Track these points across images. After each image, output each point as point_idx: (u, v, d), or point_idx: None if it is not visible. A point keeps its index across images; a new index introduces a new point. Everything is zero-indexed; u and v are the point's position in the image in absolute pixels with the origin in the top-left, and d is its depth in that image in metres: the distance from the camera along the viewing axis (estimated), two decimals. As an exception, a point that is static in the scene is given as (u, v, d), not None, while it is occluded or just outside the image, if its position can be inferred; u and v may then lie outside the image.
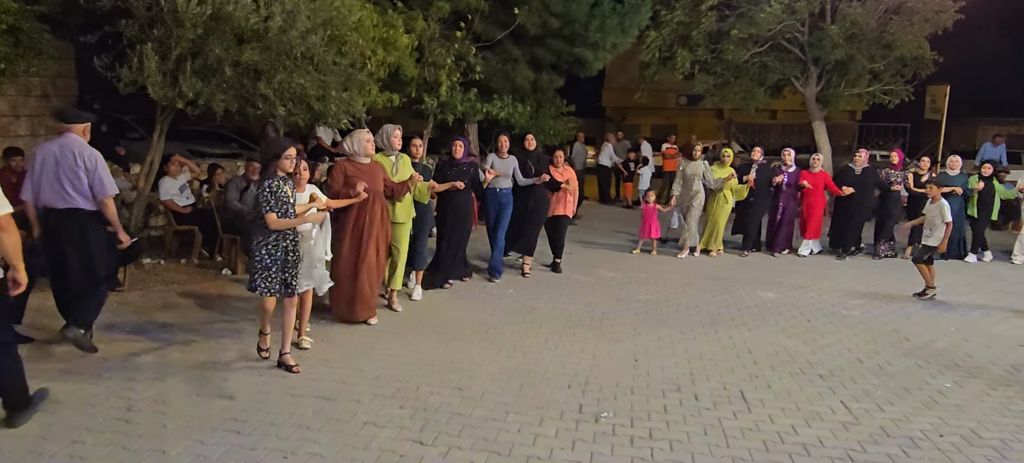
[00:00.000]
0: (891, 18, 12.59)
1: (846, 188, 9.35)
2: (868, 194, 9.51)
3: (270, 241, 4.40)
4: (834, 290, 7.58)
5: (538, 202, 7.76)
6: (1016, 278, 8.62)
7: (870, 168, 9.63)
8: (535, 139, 7.98)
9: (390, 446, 3.60)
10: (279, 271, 4.45)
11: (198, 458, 3.37)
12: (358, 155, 5.63)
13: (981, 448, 3.76)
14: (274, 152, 4.38)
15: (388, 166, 5.96)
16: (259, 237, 4.41)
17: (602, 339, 5.61)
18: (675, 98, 26.75)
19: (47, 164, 4.59)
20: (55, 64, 8.15)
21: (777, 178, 9.33)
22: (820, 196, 9.58)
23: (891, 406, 4.33)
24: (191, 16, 6.24)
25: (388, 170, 5.92)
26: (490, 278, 7.57)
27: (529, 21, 10.44)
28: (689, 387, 4.61)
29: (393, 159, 6.07)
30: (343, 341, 5.27)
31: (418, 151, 6.62)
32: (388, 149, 6.08)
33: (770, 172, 9.42)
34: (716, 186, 9.15)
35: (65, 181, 4.55)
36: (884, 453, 3.68)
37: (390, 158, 6.06)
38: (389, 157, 6.05)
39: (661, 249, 9.60)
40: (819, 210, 9.62)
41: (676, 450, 3.69)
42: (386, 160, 6.00)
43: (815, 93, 13.95)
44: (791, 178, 9.43)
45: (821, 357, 5.30)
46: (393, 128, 6.10)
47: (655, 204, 9.50)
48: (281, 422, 3.81)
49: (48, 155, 4.60)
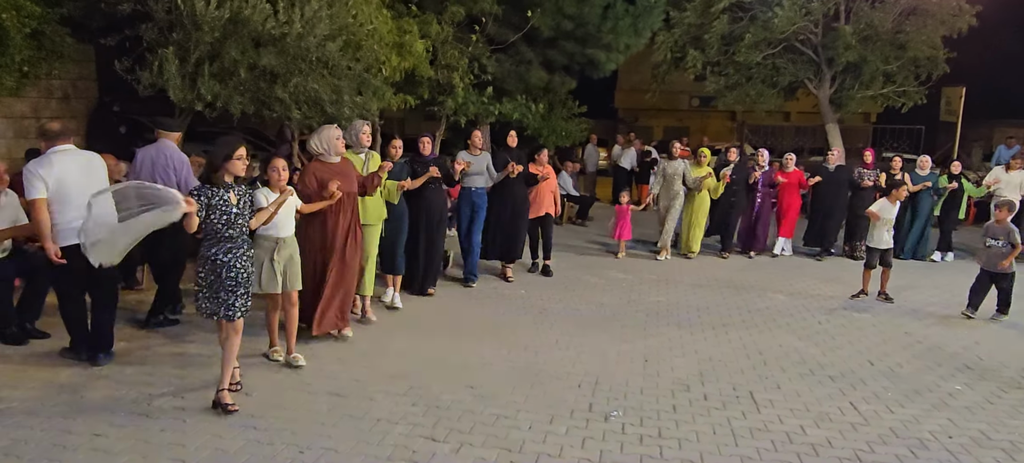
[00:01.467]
0: (907, 19, 12.53)
1: (814, 178, 9.41)
2: (842, 192, 9.51)
3: (212, 255, 3.88)
4: (846, 293, 7.57)
5: (520, 203, 7.46)
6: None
7: (843, 166, 9.66)
8: (515, 137, 7.61)
9: (403, 442, 3.67)
10: (215, 290, 3.89)
11: (216, 452, 3.46)
12: (326, 154, 5.22)
13: (990, 450, 3.77)
14: (224, 154, 3.86)
15: (359, 165, 5.62)
16: (202, 250, 3.92)
17: (612, 340, 5.66)
18: (688, 100, 26.67)
19: (145, 164, 5.43)
20: (76, 67, 8.32)
21: (755, 175, 9.29)
22: (795, 195, 9.57)
23: (901, 408, 4.34)
24: (210, 20, 6.38)
25: (359, 168, 5.59)
26: (466, 283, 7.24)
27: (543, 23, 10.52)
28: (698, 387, 4.65)
29: (363, 157, 5.75)
30: (356, 339, 5.35)
31: (426, 148, 6.53)
32: (357, 146, 5.72)
33: (746, 171, 9.38)
34: (694, 185, 9.04)
35: (158, 179, 5.19)
36: (892, 454, 3.70)
37: (360, 156, 5.73)
38: (359, 155, 5.72)
39: (632, 250, 9.43)
40: (794, 209, 9.61)
41: (685, 448, 3.73)
42: (356, 158, 5.65)
43: (829, 95, 13.89)
44: (765, 177, 9.39)
45: (831, 359, 5.31)
46: (362, 124, 5.78)
47: (628, 205, 9.33)
48: (296, 418, 3.89)
49: (147, 156, 5.47)
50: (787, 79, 13.88)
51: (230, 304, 3.90)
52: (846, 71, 13.52)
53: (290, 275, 4.63)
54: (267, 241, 4.53)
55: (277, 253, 4.55)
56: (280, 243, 4.57)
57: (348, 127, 5.78)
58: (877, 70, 12.96)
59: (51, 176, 4.30)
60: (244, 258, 3.96)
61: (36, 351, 4.78)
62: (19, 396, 4.04)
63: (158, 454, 3.42)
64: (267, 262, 4.53)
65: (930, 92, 13.75)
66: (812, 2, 12.57)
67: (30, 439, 3.52)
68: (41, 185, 4.28)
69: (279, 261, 4.56)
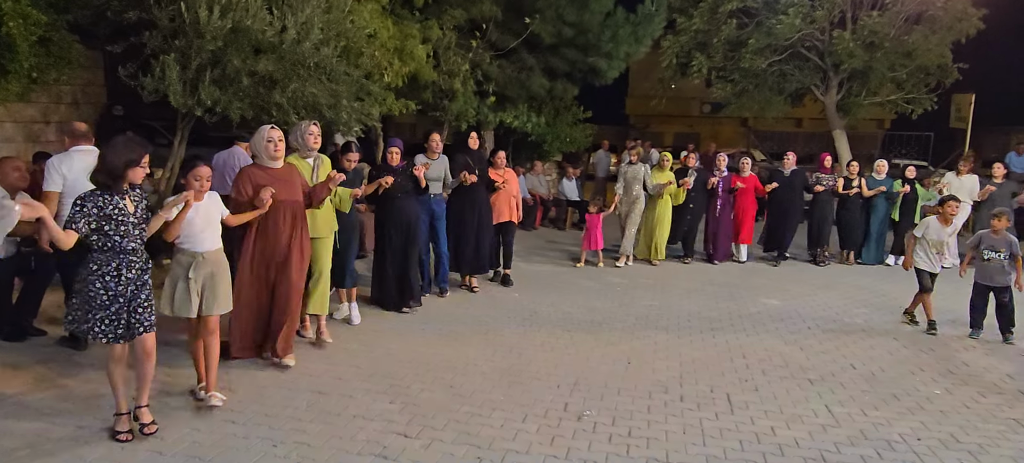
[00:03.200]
0: (912, 27, 12.46)
1: (770, 185, 9.40)
2: (797, 196, 9.54)
3: (109, 271, 3.43)
4: (841, 298, 7.57)
5: (485, 212, 7.15)
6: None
7: (798, 170, 9.63)
8: (478, 139, 7.22)
9: (376, 438, 3.76)
10: (99, 308, 3.42)
11: (192, 445, 3.57)
12: (263, 158, 4.60)
13: (956, 451, 3.79)
14: (127, 159, 3.44)
15: (307, 172, 5.03)
16: (94, 264, 3.45)
17: (598, 342, 5.72)
18: (698, 106, 26.65)
19: (218, 167, 5.95)
20: (84, 72, 8.54)
21: (712, 181, 9.23)
22: (751, 199, 9.53)
23: (875, 410, 4.36)
24: (212, 28, 6.53)
25: (306, 176, 4.98)
26: (440, 293, 6.94)
27: (543, 30, 10.62)
28: (676, 389, 4.70)
29: (312, 163, 5.13)
30: (344, 339, 5.46)
31: (395, 158, 6.15)
32: (304, 150, 5.11)
33: (706, 176, 9.33)
34: (655, 191, 8.91)
35: (227, 179, 5.65)
36: (858, 455, 3.73)
37: (307, 161, 5.11)
38: (306, 160, 5.11)
39: (598, 257, 9.10)
40: (752, 213, 9.57)
41: (652, 447, 3.78)
42: (303, 164, 5.06)
43: (835, 102, 13.84)
44: (724, 182, 9.33)
45: (814, 363, 5.33)
46: (308, 124, 5.12)
47: (599, 213, 9.01)
48: (275, 413, 4.00)
49: (219, 160, 6.15)
50: (794, 85, 13.87)
51: (131, 324, 3.50)
52: (852, 78, 13.47)
53: (209, 297, 3.98)
54: (183, 256, 3.96)
55: (194, 270, 3.93)
56: (198, 259, 3.96)
57: (293, 128, 5.20)
58: (884, 77, 12.90)
59: (71, 172, 4.64)
60: (140, 272, 3.52)
61: (32, 345, 4.95)
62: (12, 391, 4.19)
63: (136, 443, 3.54)
64: (182, 280, 3.93)
65: (940, 99, 13.66)
66: (817, 9, 12.57)
67: (16, 431, 3.65)
68: (59, 179, 4.64)
69: (196, 280, 3.93)
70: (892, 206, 9.62)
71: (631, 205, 8.93)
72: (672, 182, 8.97)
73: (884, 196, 9.54)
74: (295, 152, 5.08)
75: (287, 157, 4.86)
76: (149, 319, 3.58)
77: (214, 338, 4.06)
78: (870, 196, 9.51)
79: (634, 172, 8.92)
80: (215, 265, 4.05)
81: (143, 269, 3.57)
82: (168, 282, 3.98)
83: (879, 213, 9.60)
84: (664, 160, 9.17)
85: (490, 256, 7.49)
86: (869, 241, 9.68)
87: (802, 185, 9.56)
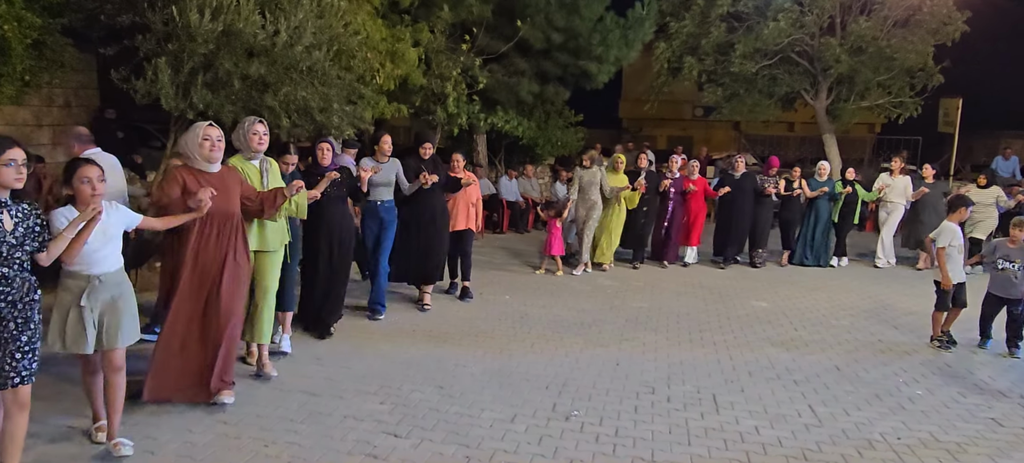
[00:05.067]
0: (897, 31, 12.62)
1: (722, 189, 9.39)
2: (747, 199, 9.43)
3: None
4: (829, 301, 7.66)
5: (439, 216, 6.56)
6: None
7: (748, 173, 9.61)
8: (431, 148, 6.56)
9: (366, 438, 3.81)
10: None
11: (185, 445, 3.62)
12: (196, 159, 3.96)
13: (935, 450, 3.87)
14: None
15: (254, 176, 4.43)
16: None
17: (588, 344, 5.78)
18: (691, 109, 26.79)
19: None
20: (77, 75, 8.57)
21: (664, 183, 9.16)
22: (702, 202, 9.53)
23: (858, 411, 4.44)
24: (204, 32, 6.58)
25: (254, 181, 4.41)
26: (372, 315, 6.22)
27: (533, 35, 10.69)
28: (664, 390, 4.76)
29: (259, 165, 4.50)
30: (336, 342, 5.51)
31: (326, 157, 5.50)
32: (247, 151, 4.44)
33: (658, 179, 9.24)
34: (612, 194, 8.62)
35: None
36: (839, 453, 3.81)
37: (253, 163, 4.48)
38: (252, 162, 4.47)
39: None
40: (701, 216, 9.55)
41: (638, 446, 3.85)
42: (250, 167, 4.45)
43: (825, 106, 13.99)
44: (676, 185, 9.29)
45: (800, 364, 5.41)
46: (253, 122, 4.46)
47: (557, 218, 8.67)
48: (267, 414, 4.05)
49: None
50: (783, 90, 14.02)
51: (4, 369, 2.86)
52: (841, 83, 13.63)
53: (111, 326, 3.35)
54: (73, 280, 3.28)
55: (89, 297, 3.28)
56: (94, 283, 3.29)
57: (239, 126, 4.53)
58: (870, 81, 13.06)
59: None
60: (18, 305, 2.89)
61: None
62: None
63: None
64: (74, 309, 3.27)
65: (929, 103, 13.83)
66: (806, 14, 12.71)
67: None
68: None
69: (91, 307, 3.28)
70: (834, 207, 9.70)
71: (588, 211, 8.58)
72: (628, 186, 8.74)
73: (827, 197, 9.59)
74: (238, 154, 4.47)
75: (229, 159, 4.37)
76: (28, 367, 2.93)
77: (119, 375, 3.42)
78: (812, 198, 9.55)
79: (590, 176, 8.57)
80: (116, 288, 3.40)
81: (24, 302, 2.91)
82: (56, 313, 3.28)
83: (822, 215, 9.65)
84: (618, 163, 8.88)
85: (444, 266, 6.98)
86: (814, 243, 9.70)
87: (752, 188, 9.44)
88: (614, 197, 8.68)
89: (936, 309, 6.04)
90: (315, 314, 5.61)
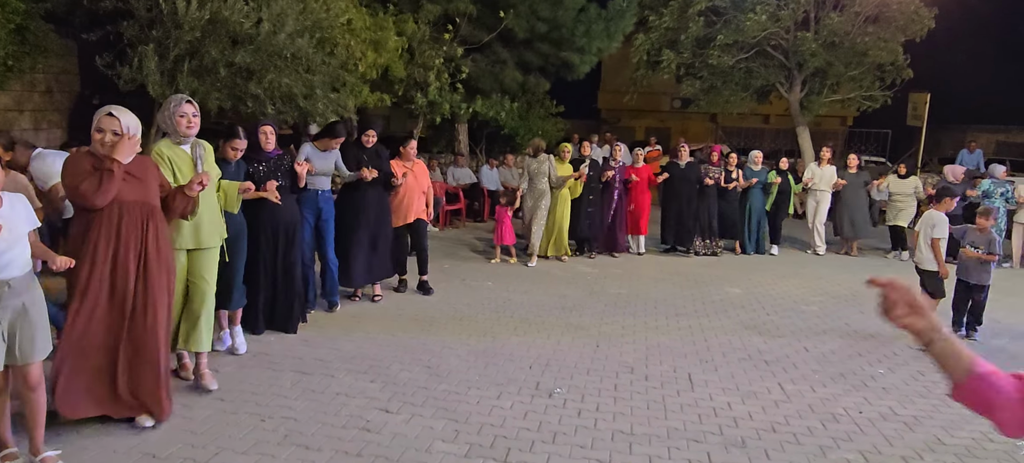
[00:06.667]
0: (870, 26, 12.98)
1: (661, 175, 9.47)
2: (692, 189, 9.54)
3: None
4: (801, 287, 7.95)
5: (382, 212, 6.30)
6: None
7: (693, 163, 9.69)
8: (375, 136, 6.27)
9: (358, 413, 3.97)
10: None
11: (184, 420, 3.75)
12: (174, 137, 3.72)
13: (893, 423, 4.14)
14: None
15: (184, 162, 3.94)
16: None
17: (569, 327, 5.98)
18: (669, 101, 27.10)
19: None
20: (59, 61, 8.54)
21: (607, 173, 9.09)
22: (647, 191, 9.61)
23: (823, 387, 4.71)
24: (190, 19, 6.64)
25: (184, 169, 3.92)
26: (329, 308, 6.02)
27: (516, 25, 10.84)
28: (642, 369, 4.99)
29: (191, 152, 3.99)
30: (324, 325, 5.65)
31: (269, 142, 5.07)
32: (175, 135, 3.91)
33: (602, 168, 9.17)
34: (558, 184, 8.53)
35: None
36: (805, 426, 4.06)
37: (183, 148, 3.97)
38: (182, 147, 3.96)
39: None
40: (647, 205, 9.60)
41: (618, 421, 4.06)
42: (179, 153, 3.95)
43: (799, 99, 14.34)
44: (619, 174, 9.25)
45: (771, 346, 5.67)
46: (180, 101, 3.90)
47: (507, 206, 8.66)
48: (261, 391, 4.19)
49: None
50: (759, 82, 14.34)
51: None
52: (814, 76, 13.98)
53: (25, 339, 3.00)
54: None
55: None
56: (3, 290, 2.92)
57: (164, 106, 3.95)
58: (842, 75, 13.43)
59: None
60: None
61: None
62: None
63: (128, 426, 3.70)
64: None
65: (899, 97, 14.25)
66: (783, 9, 13.01)
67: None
68: None
69: (0, 319, 2.93)
70: (768, 196, 9.98)
71: (536, 200, 8.54)
72: (577, 175, 8.63)
73: (760, 187, 9.83)
74: (166, 137, 3.97)
75: (158, 142, 3.99)
76: None
77: (37, 392, 3.08)
78: (746, 187, 9.72)
79: (538, 165, 8.50)
80: (29, 296, 3.02)
81: None
82: None
83: (756, 204, 9.88)
84: (564, 152, 8.76)
85: (394, 261, 6.71)
86: (749, 232, 9.91)
87: (696, 178, 9.47)
88: (560, 186, 8.60)
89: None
90: (258, 311, 5.15)
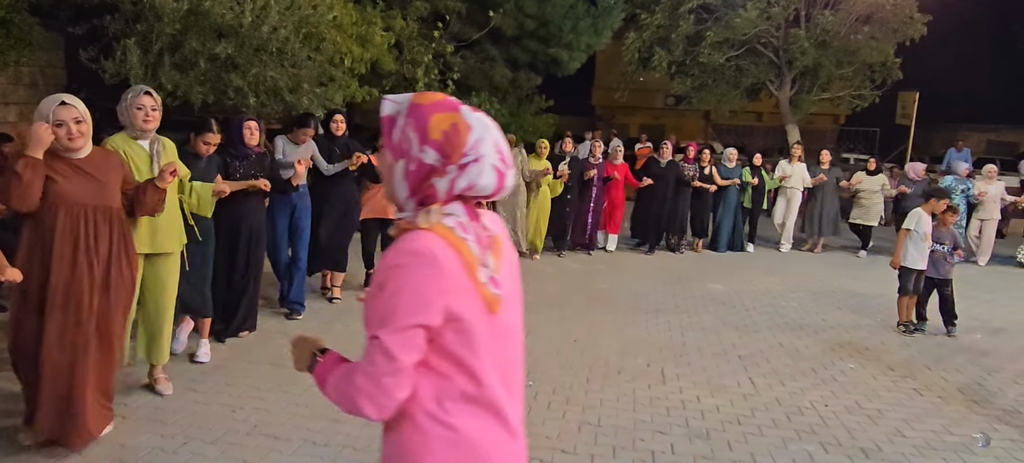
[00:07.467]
0: (862, 27, 13.05)
1: (646, 179, 9.35)
2: (670, 187, 9.45)
3: None
4: (781, 284, 8.02)
5: (353, 204, 6.14)
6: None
7: (673, 161, 9.61)
8: (343, 122, 6.08)
9: (330, 405, 3.96)
10: None
11: (155, 410, 3.80)
12: (131, 129, 3.54)
13: (857, 415, 4.21)
14: None
15: (140, 159, 3.62)
16: None
17: (549, 322, 6.03)
18: (662, 98, 27.16)
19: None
20: (45, 54, 8.57)
21: (589, 172, 8.98)
22: (622, 189, 9.51)
23: (792, 382, 4.77)
24: (170, 11, 6.67)
25: (140, 167, 3.59)
26: (290, 314, 5.67)
27: (505, 23, 10.89)
28: (616, 363, 5.04)
29: (149, 148, 3.67)
30: (305, 319, 5.69)
31: (253, 136, 4.81)
32: (132, 129, 3.62)
33: (582, 165, 9.07)
34: (532, 178, 8.38)
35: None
36: (770, 418, 4.12)
37: (141, 144, 3.65)
38: (139, 142, 3.65)
39: None
40: (621, 203, 9.56)
41: (587, 413, 4.12)
42: (135, 148, 3.63)
43: (789, 97, 14.41)
44: (599, 171, 9.16)
45: (746, 341, 5.73)
46: (138, 93, 3.60)
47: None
48: (235, 383, 4.24)
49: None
50: (749, 80, 14.41)
51: None
52: (804, 74, 14.05)
53: None
54: None
55: None
56: None
57: (122, 97, 3.63)
58: (832, 74, 13.50)
59: None
60: None
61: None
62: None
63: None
64: None
65: (888, 96, 14.34)
66: (773, 6, 13.07)
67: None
68: None
69: None
70: (743, 193, 10.03)
71: (514, 197, 8.35)
72: (549, 169, 8.40)
73: (739, 186, 9.86)
74: (122, 131, 3.68)
75: (113, 136, 3.67)
76: None
77: None
78: (723, 185, 9.75)
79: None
80: None
81: None
82: None
83: (731, 201, 9.89)
84: (541, 147, 8.62)
85: (364, 254, 6.52)
86: (722, 229, 9.93)
87: (676, 177, 9.45)
88: (535, 180, 8.46)
89: (899, 293, 6.24)
90: (216, 314, 4.80)
